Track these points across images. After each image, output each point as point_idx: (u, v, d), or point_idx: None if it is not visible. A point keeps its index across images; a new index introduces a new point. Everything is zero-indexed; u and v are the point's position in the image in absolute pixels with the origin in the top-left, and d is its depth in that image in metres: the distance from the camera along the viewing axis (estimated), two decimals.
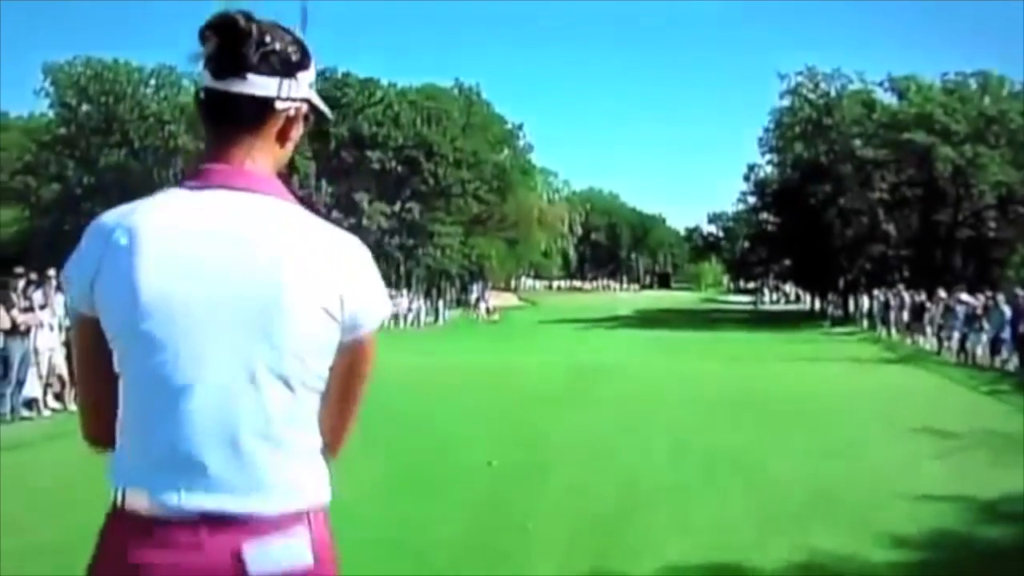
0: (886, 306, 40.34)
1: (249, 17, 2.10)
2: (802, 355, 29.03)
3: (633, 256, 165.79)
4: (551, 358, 28.75)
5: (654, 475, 10.20)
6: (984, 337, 25.62)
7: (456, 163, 71.43)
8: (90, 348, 2.12)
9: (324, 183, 65.69)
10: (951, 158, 54.21)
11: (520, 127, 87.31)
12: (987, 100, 58.90)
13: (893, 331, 38.27)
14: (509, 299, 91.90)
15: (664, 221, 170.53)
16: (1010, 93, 58.66)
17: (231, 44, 2.08)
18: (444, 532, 7.73)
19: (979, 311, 26.71)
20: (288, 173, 2.37)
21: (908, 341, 35.08)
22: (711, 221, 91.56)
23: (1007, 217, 55.92)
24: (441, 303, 63.67)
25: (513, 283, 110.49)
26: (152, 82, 67.50)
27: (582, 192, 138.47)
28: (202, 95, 2.15)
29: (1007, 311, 24.49)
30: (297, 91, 2.17)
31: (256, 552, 1.97)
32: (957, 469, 10.56)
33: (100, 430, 2.16)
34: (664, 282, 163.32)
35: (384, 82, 73.52)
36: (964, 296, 29.91)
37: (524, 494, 9.30)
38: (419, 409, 15.48)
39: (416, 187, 70.09)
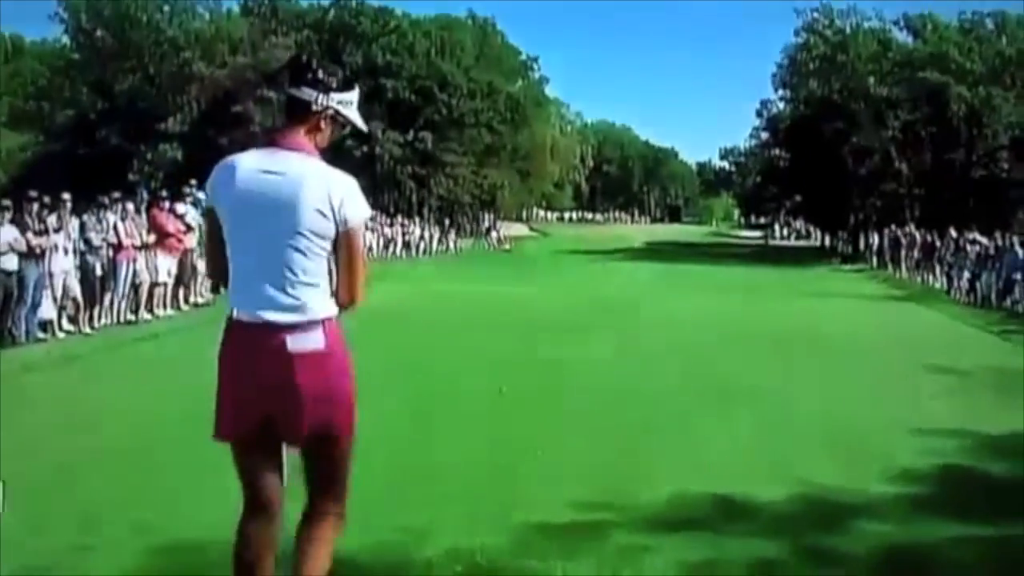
0: (896, 244, 40.26)
1: (311, 56, 3.98)
2: (811, 291, 29.20)
3: (644, 189, 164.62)
4: (562, 288, 28.92)
5: (663, 405, 10.32)
6: (995, 277, 25.50)
7: (470, 93, 70.94)
8: (214, 229, 3.87)
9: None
10: (965, 98, 53.93)
11: (535, 60, 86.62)
12: (1003, 40, 58.37)
13: (903, 269, 38.27)
14: (520, 230, 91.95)
15: (676, 155, 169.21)
16: None
17: (297, 70, 3.86)
18: (455, 458, 7.80)
19: (991, 251, 26.62)
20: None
21: (918, 280, 35.14)
22: (723, 156, 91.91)
23: (1021, 158, 55.47)
24: (453, 232, 63.51)
25: (524, 214, 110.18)
26: (166, 8, 66.64)
27: (595, 124, 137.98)
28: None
29: (1020, 252, 24.35)
30: (327, 103, 3.83)
31: (293, 339, 3.68)
32: (964, 405, 10.66)
33: (220, 276, 3.92)
34: (675, 216, 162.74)
35: (399, 12, 72.89)
36: (976, 236, 29.80)
37: (535, 421, 9.40)
38: (430, 337, 15.44)
39: (429, 117, 69.54)
